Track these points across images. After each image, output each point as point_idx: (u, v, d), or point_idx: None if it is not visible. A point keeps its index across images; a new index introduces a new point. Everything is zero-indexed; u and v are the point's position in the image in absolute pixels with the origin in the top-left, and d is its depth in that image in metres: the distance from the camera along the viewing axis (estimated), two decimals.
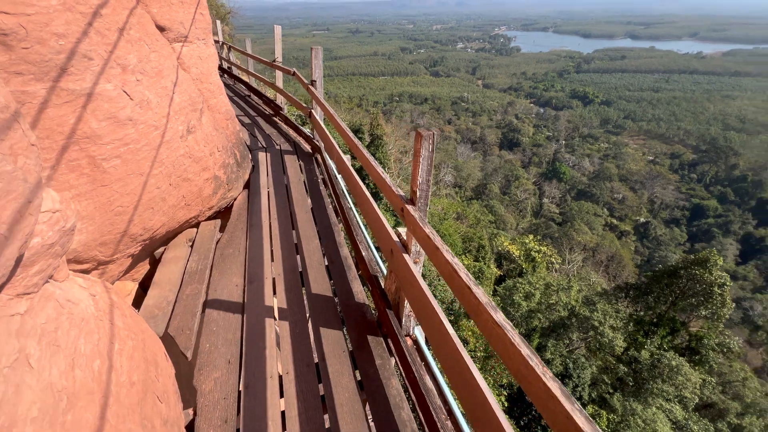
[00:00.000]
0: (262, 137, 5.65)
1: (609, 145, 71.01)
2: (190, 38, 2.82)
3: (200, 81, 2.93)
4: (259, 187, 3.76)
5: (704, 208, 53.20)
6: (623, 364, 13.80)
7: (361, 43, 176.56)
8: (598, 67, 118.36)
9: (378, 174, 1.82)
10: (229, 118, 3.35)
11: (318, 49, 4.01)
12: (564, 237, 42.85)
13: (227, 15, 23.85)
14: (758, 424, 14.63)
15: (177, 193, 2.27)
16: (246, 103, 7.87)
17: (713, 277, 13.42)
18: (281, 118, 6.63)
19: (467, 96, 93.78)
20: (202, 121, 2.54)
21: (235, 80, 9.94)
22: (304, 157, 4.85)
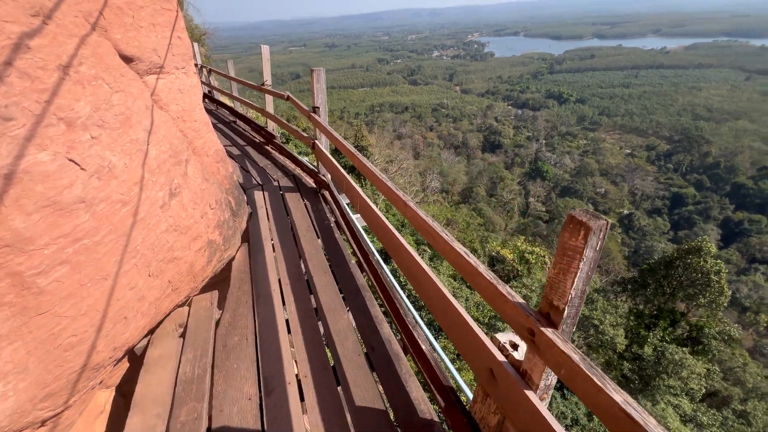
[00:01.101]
0: (255, 172, 4.99)
1: (587, 141, 72.68)
2: (167, 68, 2.24)
3: (182, 120, 2.34)
4: (261, 239, 3.16)
5: (683, 197, 54.64)
6: (627, 361, 13.57)
7: (339, 57, 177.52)
8: (569, 67, 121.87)
9: (460, 256, 1.21)
10: (219, 160, 2.75)
11: (320, 72, 3.45)
12: (553, 234, 43.32)
13: (202, 37, 23.20)
14: (761, 408, 14.72)
15: (160, 283, 1.66)
16: (232, 131, 7.17)
17: (709, 265, 13.40)
18: (275, 147, 5.96)
19: (447, 102, 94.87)
20: (188, 175, 1.95)
21: (217, 105, 9.26)
22: (308, 195, 4.25)
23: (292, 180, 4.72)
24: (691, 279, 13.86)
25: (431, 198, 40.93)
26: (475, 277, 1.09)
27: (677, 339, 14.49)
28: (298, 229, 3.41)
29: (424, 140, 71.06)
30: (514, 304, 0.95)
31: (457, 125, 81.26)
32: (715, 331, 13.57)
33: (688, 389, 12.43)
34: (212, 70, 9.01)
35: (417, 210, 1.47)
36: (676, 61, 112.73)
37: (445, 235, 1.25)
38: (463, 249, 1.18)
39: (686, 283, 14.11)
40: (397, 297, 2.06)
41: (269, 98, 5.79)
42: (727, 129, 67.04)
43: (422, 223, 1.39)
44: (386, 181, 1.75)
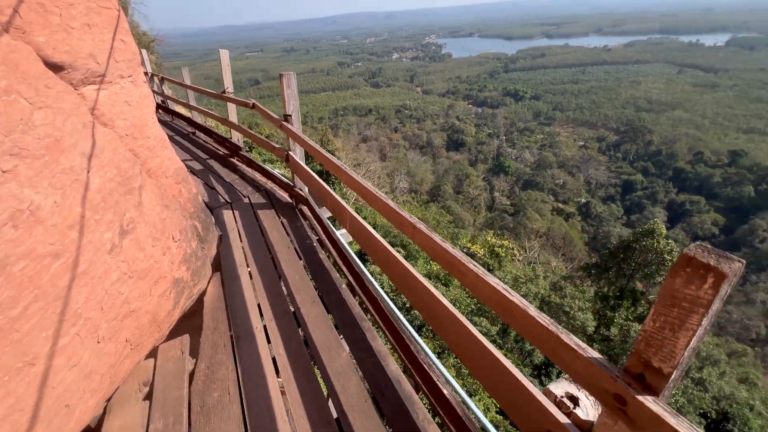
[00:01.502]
0: (222, 188, 4.53)
1: (544, 135, 76.18)
2: (110, 77, 1.88)
3: (133, 137, 2.00)
4: (235, 266, 2.78)
5: (632, 183, 58.64)
6: (596, 342, 14.26)
7: (298, 62, 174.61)
8: (523, 65, 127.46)
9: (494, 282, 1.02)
10: (181, 180, 2.38)
11: (290, 76, 3.12)
12: (519, 226, 44.92)
13: (151, 44, 21.70)
14: (714, 373, 16.09)
15: (115, 347, 1.31)
16: (192, 143, 6.55)
17: (661, 245, 14.34)
18: (241, 159, 5.47)
19: (409, 103, 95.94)
20: (143, 204, 1.60)
21: (173, 116, 8.56)
22: (284, 211, 3.86)
23: (265, 195, 4.31)
24: (648, 260, 14.77)
25: (401, 199, 41.24)
26: (522, 320, 0.87)
27: (640, 317, 15.44)
28: (276, 251, 3.06)
29: (389, 142, 71.39)
30: (590, 361, 0.74)
31: (421, 125, 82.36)
32: None
33: None
34: (165, 78, 8.32)
35: (430, 234, 1.23)
36: (617, 58, 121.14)
37: (474, 266, 1.04)
38: (502, 285, 0.97)
39: (643, 263, 15.02)
40: (403, 329, 1.81)
41: (232, 107, 5.33)
42: (666, 119, 72.85)
43: (443, 253, 1.15)
44: (387, 201, 1.50)
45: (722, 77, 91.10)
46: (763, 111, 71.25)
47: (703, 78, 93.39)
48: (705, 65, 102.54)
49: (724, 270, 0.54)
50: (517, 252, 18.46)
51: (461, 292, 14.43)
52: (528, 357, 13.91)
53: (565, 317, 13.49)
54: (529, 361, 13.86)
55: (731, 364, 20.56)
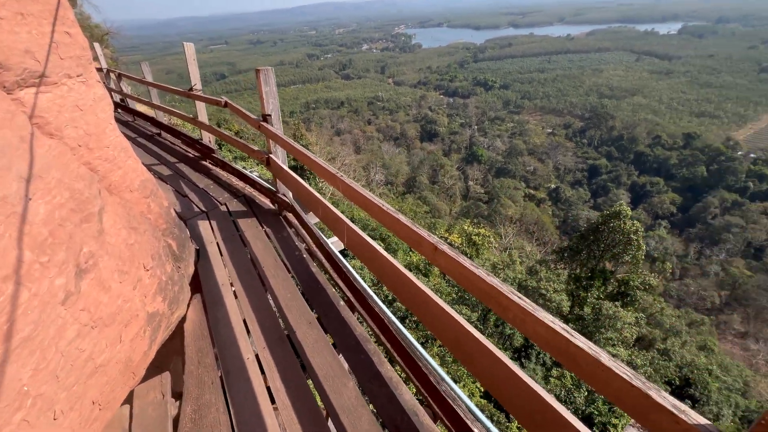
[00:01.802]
0: (196, 195, 4.10)
1: (514, 124, 77.99)
2: (54, 76, 1.58)
3: (87, 148, 1.73)
4: (218, 285, 2.48)
5: (598, 167, 61.26)
6: (571, 322, 14.94)
7: (266, 54, 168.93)
8: (491, 55, 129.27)
9: None
10: (149, 194, 2.13)
11: (268, 72, 2.81)
12: (494, 213, 46.02)
13: (105, 37, 20.01)
14: (677, 343, 17.34)
15: (78, 414, 1.05)
16: (157, 146, 6.02)
17: (628, 226, 15.09)
18: (214, 162, 5.04)
19: (381, 95, 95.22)
20: (105, 231, 1.32)
21: (134, 115, 7.88)
22: (267, 219, 3.53)
23: (244, 202, 3.93)
24: (615, 240, 15.50)
25: (377, 191, 41.10)
26: (591, 367, 0.72)
27: (610, 295, 16.28)
28: (263, 265, 2.75)
29: (363, 134, 70.75)
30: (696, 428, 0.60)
31: (394, 117, 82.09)
32: (638, 282, 15.44)
33: (623, 338, 14.07)
34: (123, 75, 7.64)
35: (457, 257, 1.05)
36: (580, 47, 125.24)
37: (520, 298, 0.87)
38: (560, 324, 0.81)
39: (611, 244, 15.76)
40: (413, 349, 1.63)
41: (201, 105, 4.88)
42: (626, 105, 76.29)
43: (477, 282, 0.97)
44: (398, 216, 1.30)
45: (676, 64, 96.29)
46: (712, 95, 76.11)
47: (659, 65, 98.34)
48: (660, 53, 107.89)
49: None
50: (493, 239, 18.87)
51: (441, 281, 14.53)
52: (508, 340, 14.29)
53: (542, 300, 13.93)
54: (510, 344, 14.24)
55: (691, 334, 22.16)
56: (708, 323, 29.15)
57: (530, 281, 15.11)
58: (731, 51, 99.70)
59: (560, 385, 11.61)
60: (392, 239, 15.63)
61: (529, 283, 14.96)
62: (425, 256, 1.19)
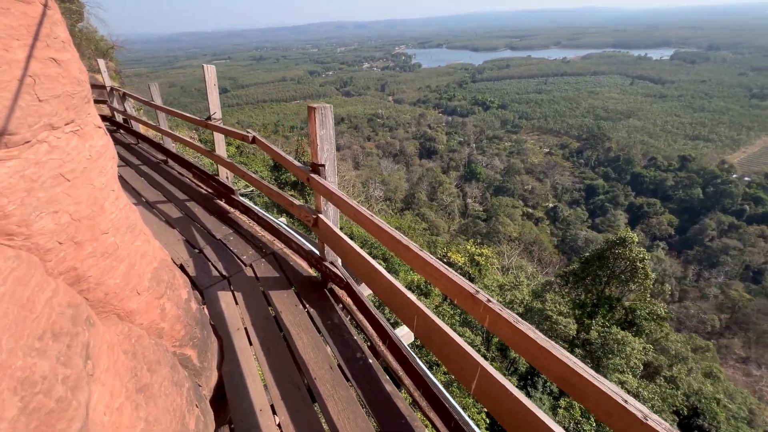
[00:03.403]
0: (212, 249, 3.39)
1: (512, 143, 78.94)
2: (22, 131, 1.15)
3: (74, 243, 1.36)
4: (254, 413, 1.88)
5: (595, 187, 61.64)
6: (578, 347, 14.54)
7: (268, 70, 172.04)
8: (489, 76, 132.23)
9: None
10: (163, 291, 1.77)
11: (325, 110, 2.20)
12: (492, 231, 45.87)
13: (110, 50, 20.20)
14: (684, 370, 16.83)
15: None
16: (164, 176, 5.27)
17: (634, 253, 14.85)
18: (231, 202, 4.26)
19: (381, 112, 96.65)
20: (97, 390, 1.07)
21: (138, 138, 7.21)
22: (309, 294, 2.79)
23: (274, 263, 3.17)
24: (621, 267, 15.19)
25: (376, 207, 40.93)
26: None
27: (617, 322, 15.85)
28: (313, 374, 2.04)
29: (363, 150, 71.34)
30: None
31: (393, 134, 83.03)
32: (645, 312, 15.04)
33: (631, 366, 13.62)
34: (128, 95, 7.01)
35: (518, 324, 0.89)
36: (576, 69, 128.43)
37: (604, 384, 0.72)
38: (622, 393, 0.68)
39: (617, 271, 15.43)
40: None
41: (220, 137, 4.23)
42: (622, 126, 77.63)
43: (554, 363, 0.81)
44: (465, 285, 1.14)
45: (669, 88, 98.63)
46: (706, 119, 77.64)
47: (653, 89, 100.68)
48: (654, 77, 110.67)
49: None
50: (496, 260, 18.58)
51: (444, 303, 14.25)
52: (512, 365, 13.93)
53: (548, 323, 13.63)
54: (514, 369, 13.87)
55: (696, 360, 21.69)
56: (713, 349, 28.62)
57: (536, 303, 14.80)
58: (723, 77, 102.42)
59: (568, 416, 11.24)
60: (394, 260, 15.41)
61: (534, 305, 14.64)
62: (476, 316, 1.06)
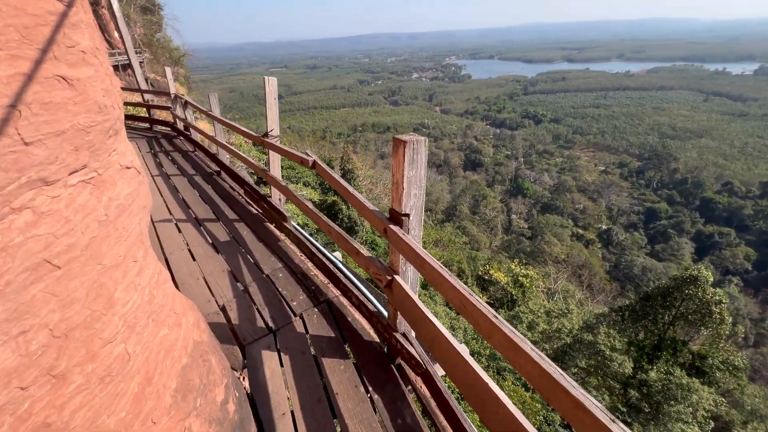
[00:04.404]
0: (258, 288, 3.00)
1: (563, 159, 75.18)
2: None
3: (60, 382, 0.93)
4: None
5: (656, 211, 56.65)
6: (633, 388, 13.09)
7: (320, 78, 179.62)
8: (542, 88, 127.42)
9: None
10: (191, 407, 1.44)
11: (418, 144, 1.73)
12: (537, 251, 43.72)
13: (181, 58, 22.53)
14: (761, 429, 14.44)
15: None
16: (216, 189, 5.17)
17: (708, 295, 13.04)
18: (282, 228, 3.85)
19: (427, 122, 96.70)
20: None
21: (195, 147, 7.30)
22: (369, 367, 2.28)
23: (329, 315, 2.67)
24: (690, 309, 13.42)
25: None
26: None
27: (681, 367, 14.05)
28: None
29: None
30: None
31: (438, 144, 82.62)
32: (718, 360, 13.23)
33: (698, 419, 11.94)
34: (188, 103, 7.10)
35: None
36: (641, 84, 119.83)
37: None
38: None
39: (686, 312, 13.69)
40: None
41: (276, 156, 3.81)
42: (692, 146, 70.85)
43: None
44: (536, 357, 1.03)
45: (751, 106, 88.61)
46: None
47: (731, 107, 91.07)
48: (733, 93, 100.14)
49: None
50: (542, 283, 17.51)
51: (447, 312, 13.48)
52: None
53: (600, 358, 12.51)
54: None
55: None
56: None
57: (586, 335, 13.63)
58: None
59: None
60: None
61: (585, 337, 13.51)
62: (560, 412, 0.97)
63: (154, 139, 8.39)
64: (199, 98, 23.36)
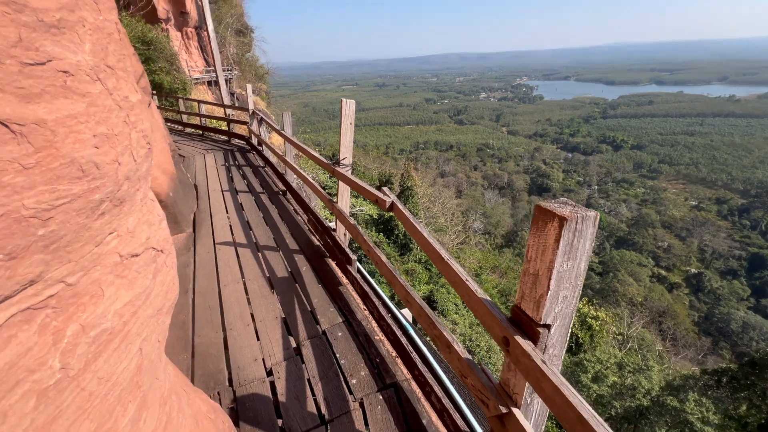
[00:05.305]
0: (311, 346, 2.63)
1: (646, 190, 67.94)
2: None
3: None
4: None
5: (764, 258, 48.09)
6: None
7: (388, 96, 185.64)
8: (625, 112, 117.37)
9: None
10: None
11: (583, 224, 1.12)
12: (608, 289, 39.63)
13: (265, 75, 25.02)
14: None
15: None
16: (279, 210, 5.06)
17: None
18: (344, 270, 3.47)
19: (492, 143, 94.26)
20: None
21: (266, 163, 7.38)
22: None
23: (395, 406, 2.17)
24: None
25: (473, 239, 39.48)
26: None
27: None
28: None
29: (467, 179, 70.21)
30: None
31: (502, 166, 79.93)
32: None
33: None
34: (264, 120, 7.31)
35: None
36: (749, 110, 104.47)
37: None
38: None
39: None
40: None
41: (345, 188, 3.40)
42: None
43: None
44: None
45: None
46: None
47: None
48: None
49: None
50: (615, 328, 15.48)
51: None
52: None
53: (687, 430, 10.63)
54: None
55: None
56: None
57: (670, 399, 11.63)
58: None
59: None
60: None
61: (668, 402, 11.54)
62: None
63: (230, 152, 8.89)
64: (277, 111, 25.52)
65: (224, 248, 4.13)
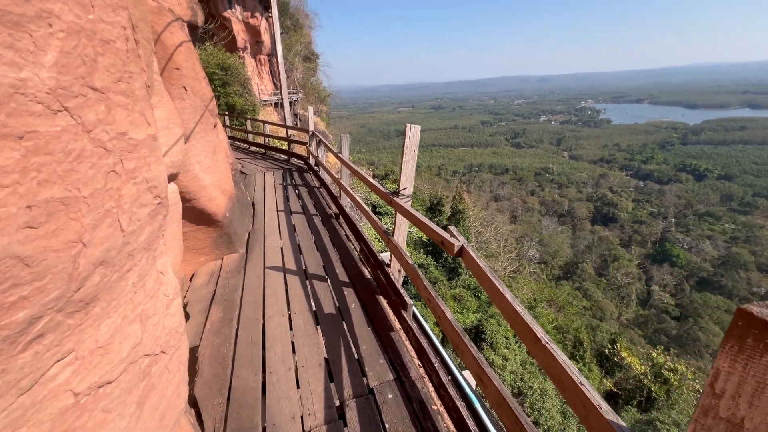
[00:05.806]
0: (357, 409, 2.30)
1: (737, 226, 59.42)
2: None
3: None
4: None
5: None
6: None
7: (443, 118, 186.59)
8: (710, 138, 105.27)
9: None
10: None
11: None
12: (686, 337, 34.72)
13: (326, 98, 26.58)
14: None
15: None
16: (332, 236, 4.95)
17: None
18: (396, 314, 3.14)
19: (552, 167, 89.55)
20: None
21: (322, 184, 7.44)
22: None
23: None
24: None
25: (527, 269, 37.15)
26: None
27: None
28: None
29: (523, 204, 67.05)
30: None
31: (562, 192, 75.27)
32: None
33: None
34: (322, 142, 7.41)
35: None
36: None
37: None
38: None
39: None
40: None
41: (403, 221, 3.14)
42: None
43: None
44: None
45: None
46: None
47: None
48: None
49: None
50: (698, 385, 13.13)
51: None
52: None
53: None
54: None
55: None
56: None
57: None
58: None
59: None
60: None
61: None
62: None
63: (289, 171, 9.17)
64: (336, 132, 26.76)
65: (273, 273, 4.05)
